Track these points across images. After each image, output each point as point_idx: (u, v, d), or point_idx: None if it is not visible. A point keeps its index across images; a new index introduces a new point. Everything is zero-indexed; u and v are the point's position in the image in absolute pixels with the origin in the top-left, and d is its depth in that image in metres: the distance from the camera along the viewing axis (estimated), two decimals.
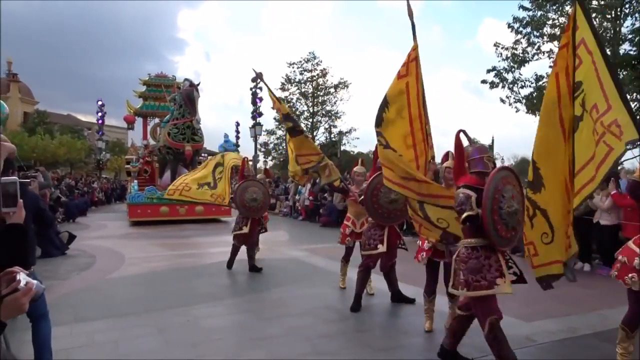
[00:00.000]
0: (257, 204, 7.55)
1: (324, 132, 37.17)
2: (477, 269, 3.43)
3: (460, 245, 3.65)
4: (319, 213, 16.19)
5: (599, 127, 3.75)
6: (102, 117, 33.51)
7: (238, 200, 7.54)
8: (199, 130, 16.63)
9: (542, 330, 4.76)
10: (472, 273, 3.44)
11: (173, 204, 15.79)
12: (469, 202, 3.37)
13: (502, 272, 3.46)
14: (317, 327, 4.86)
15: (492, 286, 3.40)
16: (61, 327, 4.45)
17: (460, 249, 3.61)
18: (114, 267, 8.13)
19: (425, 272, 4.91)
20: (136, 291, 6.50)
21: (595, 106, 3.78)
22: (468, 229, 3.52)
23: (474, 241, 3.49)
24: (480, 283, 3.42)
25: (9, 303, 1.21)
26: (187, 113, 16.14)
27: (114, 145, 44.96)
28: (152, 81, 20.84)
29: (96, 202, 23.68)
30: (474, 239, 3.49)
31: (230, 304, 5.89)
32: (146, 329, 4.79)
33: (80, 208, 17.84)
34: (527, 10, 17.40)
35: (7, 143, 0.99)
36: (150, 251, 10.04)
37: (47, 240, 8.86)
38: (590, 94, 3.81)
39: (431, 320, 4.81)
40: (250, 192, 7.54)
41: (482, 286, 3.41)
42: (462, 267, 3.52)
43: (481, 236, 3.44)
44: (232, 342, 4.46)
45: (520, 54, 17.93)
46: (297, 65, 37.13)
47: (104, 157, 34.92)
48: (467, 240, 3.55)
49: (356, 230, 6.19)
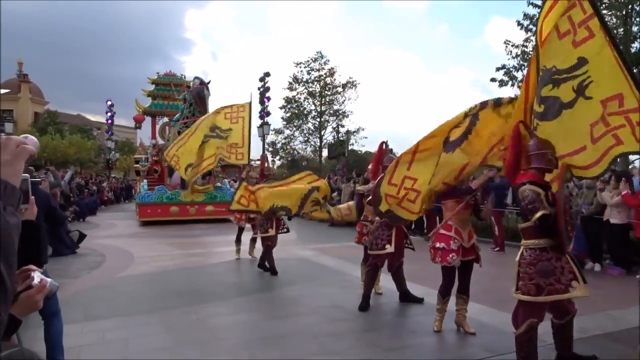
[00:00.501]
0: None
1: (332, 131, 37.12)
2: (549, 272, 3.26)
3: (522, 247, 3.46)
4: None
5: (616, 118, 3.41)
6: (112, 117, 33.84)
7: None
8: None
9: (551, 331, 4.72)
10: (544, 276, 3.26)
11: (184, 203, 15.82)
12: (540, 199, 3.21)
13: (576, 274, 3.31)
14: (325, 327, 4.86)
15: (567, 290, 3.26)
16: (72, 325, 4.49)
17: (524, 250, 3.42)
18: (123, 266, 8.20)
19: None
20: (145, 290, 6.55)
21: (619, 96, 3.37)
22: (534, 229, 3.33)
23: (542, 242, 3.32)
24: (555, 286, 3.25)
25: (24, 300, 1.23)
26: (197, 111, 15.79)
27: (123, 145, 45.29)
28: (161, 80, 20.80)
29: (106, 202, 23.86)
30: (541, 239, 3.32)
31: (238, 303, 5.91)
32: (155, 328, 4.83)
33: (90, 207, 18.01)
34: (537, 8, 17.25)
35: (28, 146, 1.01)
36: (159, 250, 10.11)
37: (58, 239, 8.95)
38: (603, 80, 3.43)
39: (441, 321, 4.73)
40: None
41: (559, 290, 3.25)
42: (529, 271, 3.31)
43: (548, 237, 3.28)
44: (241, 341, 4.48)
45: (531, 52, 17.77)
46: (305, 64, 37.12)
47: (113, 156, 35.20)
48: (533, 241, 3.36)
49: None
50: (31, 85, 43.01)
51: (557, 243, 3.28)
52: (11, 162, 0.95)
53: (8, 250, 0.82)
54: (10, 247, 0.84)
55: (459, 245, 4.51)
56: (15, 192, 0.92)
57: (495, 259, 9.40)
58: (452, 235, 4.52)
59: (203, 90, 15.76)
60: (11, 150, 0.96)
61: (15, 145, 0.97)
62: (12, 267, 0.83)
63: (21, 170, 0.97)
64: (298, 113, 37.06)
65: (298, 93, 37.35)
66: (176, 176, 17.21)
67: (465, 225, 4.66)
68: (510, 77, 18.07)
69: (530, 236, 3.39)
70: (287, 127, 37.33)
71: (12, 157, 0.95)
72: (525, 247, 3.42)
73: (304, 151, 38.81)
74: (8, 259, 0.82)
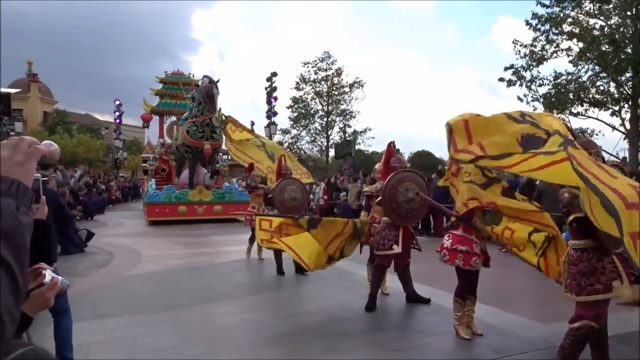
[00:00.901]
0: (296, 203, 7.21)
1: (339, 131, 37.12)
2: (589, 272, 3.29)
3: (569, 246, 3.52)
4: (334, 212, 16.19)
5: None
6: (120, 117, 34.02)
7: (277, 200, 7.17)
8: (218, 128, 15.58)
9: (559, 333, 4.66)
10: (584, 276, 3.30)
11: (192, 203, 15.81)
12: (575, 202, 3.25)
13: (619, 274, 3.30)
14: (332, 326, 4.87)
15: (608, 290, 3.26)
16: (80, 322, 4.52)
17: (570, 249, 3.49)
18: (131, 265, 8.26)
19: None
20: (153, 288, 6.60)
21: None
22: (576, 230, 3.40)
23: (582, 243, 3.36)
24: (594, 287, 3.27)
25: (35, 297, 1.25)
26: (206, 110, 15.60)
27: (130, 144, 45.57)
28: (169, 79, 20.74)
29: (113, 201, 24.04)
30: (582, 240, 3.36)
31: (245, 302, 5.94)
32: (163, 326, 4.86)
33: (98, 206, 18.15)
34: (545, 7, 17.16)
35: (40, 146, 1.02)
36: (167, 249, 10.17)
37: (67, 237, 9.03)
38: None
39: (465, 327, 4.56)
40: (289, 190, 7.21)
41: (598, 290, 3.27)
42: (572, 270, 3.38)
43: (590, 238, 3.30)
44: (248, 340, 4.50)
45: (539, 52, 17.68)
46: (312, 64, 37.14)
47: (121, 156, 35.43)
48: (576, 242, 3.41)
49: None
50: (41, 84, 43.43)
51: (599, 244, 3.29)
52: (23, 162, 0.96)
53: (20, 249, 0.84)
54: (23, 246, 0.85)
55: (480, 248, 4.48)
56: (27, 192, 0.94)
57: (502, 260, 9.34)
58: (474, 239, 4.47)
59: (212, 89, 15.43)
60: (24, 150, 0.97)
61: (28, 145, 0.99)
62: (24, 265, 0.84)
63: (33, 170, 0.99)
64: (305, 113, 37.09)
65: (305, 93, 37.41)
66: (184, 175, 17.25)
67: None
68: (518, 77, 17.99)
69: (574, 237, 3.45)
70: (294, 127, 37.40)
71: (24, 157, 0.97)
72: (570, 246, 3.48)
73: (310, 151, 38.85)
74: (20, 258, 0.83)
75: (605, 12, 16.22)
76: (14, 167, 0.94)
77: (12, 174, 0.92)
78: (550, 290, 7.02)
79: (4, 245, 0.80)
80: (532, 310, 5.41)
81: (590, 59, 16.65)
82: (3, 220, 0.82)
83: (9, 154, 0.95)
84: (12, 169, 0.93)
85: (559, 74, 17.55)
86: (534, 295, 6.34)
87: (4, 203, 0.85)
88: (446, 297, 4.95)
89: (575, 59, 17.24)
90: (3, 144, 0.97)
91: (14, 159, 0.95)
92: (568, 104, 17.11)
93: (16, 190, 0.90)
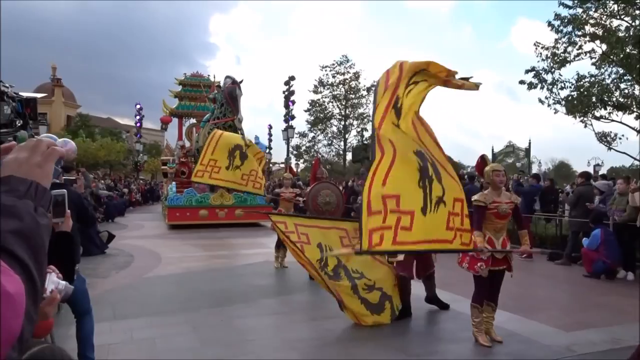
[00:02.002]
0: (331, 207, 7.11)
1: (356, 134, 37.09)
2: None
3: None
4: (350, 216, 16.13)
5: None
6: (140, 120, 34.52)
7: (311, 205, 7.09)
8: (240, 130, 14.77)
9: (582, 341, 4.59)
10: None
11: (213, 207, 15.74)
12: None
13: None
14: (349, 331, 4.85)
15: None
16: (101, 323, 4.59)
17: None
18: (151, 266, 8.36)
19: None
20: (172, 290, 6.66)
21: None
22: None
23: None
24: None
25: None
26: (228, 112, 15.03)
27: (150, 148, 46.20)
28: (188, 81, 20.63)
29: (134, 203, 24.39)
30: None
31: (263, 305, 5.94)
32: (182, 328, 4.91)
33: (119, 208, 18.44)
34: (568, 8, 16.85)
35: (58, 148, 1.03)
36: (186, 251, 10.26)
37: (89, 239, 9.18)
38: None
39: (484, 333, 4.49)
40: (323, 195, 7.12)
41: None
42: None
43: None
44: (266, 343, 4.51)
45: (562, 54, 17.37)
46: (330, 68, 37.22)
47: (141, 159, 35.93)
48: None
49: None
50: (64, 89, 44.40)
51: None
52: (42, 164, 0.96)
53: (38, 250, 0.84)
54: (41, 248, 0.85)
55: (489, 255, 4.38)
56: (46, 194, 0.94)
57: (523, 266, 9.19)
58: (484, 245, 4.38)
59: (235, 90, 14.82)
60: (42, 151, 0.97)
61: (46, 146, 0.99)
62: (42, 267, 0.84)
63: (51, 172, 0.99)
64: (322, 117, 37.16)
65: (323, 96, 37.48)
66: None
67: (500, 234, 4.54)
68: (539, 80, 17.70)
69: None
70: (312, 130, 37.49)
71: (42, 159, 0.97)
72: None
73: (328, 154, 38.88)
74: (38, 259, 0.83)
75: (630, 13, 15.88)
76: (32, 169, 0.94)
77: (30, 175, 0.92)
78: (573, 298, 6.89)
79: (21, 246, 0.80)
80: (554, 317, 5.31)
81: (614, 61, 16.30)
82: (22, 221, 0.83)
83: (27, 155, 0.95)
84: (31, 171, 0.93)
85: (582, 77, 17.20)
86: (557, 303, 6.21)
87: (23, 204, 0.85)
88: (466, 304, 4.88)
89: (598, 61, 16.89)
90: (21, 146, 0.98)
91: (33, 160, 0.95)
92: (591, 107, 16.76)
93: (34, 192, 0.90)
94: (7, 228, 0.80)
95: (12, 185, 0.88)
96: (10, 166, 0.93)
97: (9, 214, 0.82)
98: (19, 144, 1.01)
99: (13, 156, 0.95)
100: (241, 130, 14.95)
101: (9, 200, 0.84)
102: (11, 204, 0.84)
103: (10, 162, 0.93)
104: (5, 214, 0.81)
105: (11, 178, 0.89)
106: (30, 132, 2.07)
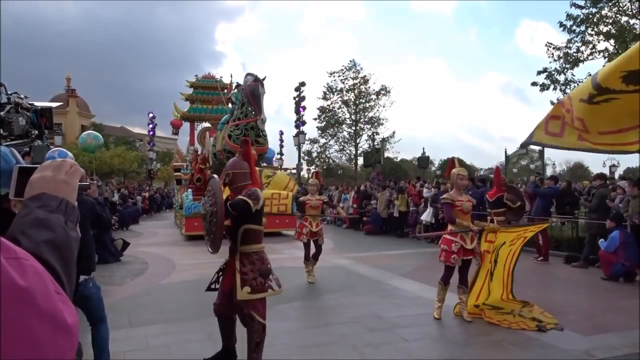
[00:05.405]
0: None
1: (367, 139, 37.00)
2: None
3: None
4: (363, 221, 16.08)
5: None
6: (153, 129, 34.89)
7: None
8: (263, 131, 13.86)
9: (602, 345, 4.50)
10: None
11: None
12: None
13: None
14: (364, 336, 4.82)
15: None
16: (117, 330, 4.63)
17: None
18: (165, 273, 8.42)
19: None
20: (187, 297, 6.69)
21: None
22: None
23: None
24: None
25: None
26: (250, 112, 13.48)
27: (163, 155, 46.62)
28: (200, 83, 19.83)
29: (147, 210, 24.60)
30: None
31: (278, 311, 5.92)
32: (197, 334, 4.92)
33: (133, 216, 18.62)
34: (580, 8, 16.68)
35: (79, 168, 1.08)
36: (200, 258, 10.29)
37: (104, 246, 9.29)
38: None
39: (441, 310, 5.39)
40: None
41: None
42: None
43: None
44: (280, 349, 4.50)
45: (574, 54, 17.18)
46: (339, 73, 37.25)
47: (154, 167, 36.26)
48: None
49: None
50: (78, 99, 45.05)
51: None
52: (68, 181, 1.01)
53: (68, 261, 0.88)
54: (70, 258, 0.90)
55: (460, 247, 5.28)
56: (74, 210, 0.99)
57: (539, 270, 9.07)
58: (454, 240, 5.32)
59: (258, 88, 13.15)
60: (66, 170, 1.02)
61: (70, 166, 1.04)
62: (71, 276, 0.89)
63: (76, 189, 1.04)
64: (333, 122, 37.18)
65: (332, 102, 37.50)
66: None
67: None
68: (552, 81, 17.52)
69: None
70: (322, 135, 37.50)
71: (68, 177, 1.02)
72: None
73: (339, 160, 38.84)
74: (68, 269, 0.87)
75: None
76: (60, 186, 0.99)
77: (59, 192, 0.97)
78: (592, 301, 6.76)
79: (54, 256, 0.84)
80: (573, 321, 5.21)
81: None
82: (54, 232, 0.88)
83: (53, 174, 1.00)
84: (59, 187, 0.98)
85: None
86: (575, 306, 6.10)
87: (55, 218, 0.91)
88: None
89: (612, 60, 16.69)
90: (45, 165, 1.02)
91: (59, 177, 1.00)
92: None
93: (65, 207, 0.96)
94: (41, 238, 0.85)
95: (44, 201, 0.94)
96: (38, 184, 0.98)
97: (43, 225, 0.88)
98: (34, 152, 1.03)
99: (39, 175, 1.00)
100: (264, 132, 14.12)
101: (42, 214, 0.90)
102: (44, 217, 0.90)
103: (38, 180, 0.98)
104: (39, 225, 0.87)
105: (43, 195, 0.95)
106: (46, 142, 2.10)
